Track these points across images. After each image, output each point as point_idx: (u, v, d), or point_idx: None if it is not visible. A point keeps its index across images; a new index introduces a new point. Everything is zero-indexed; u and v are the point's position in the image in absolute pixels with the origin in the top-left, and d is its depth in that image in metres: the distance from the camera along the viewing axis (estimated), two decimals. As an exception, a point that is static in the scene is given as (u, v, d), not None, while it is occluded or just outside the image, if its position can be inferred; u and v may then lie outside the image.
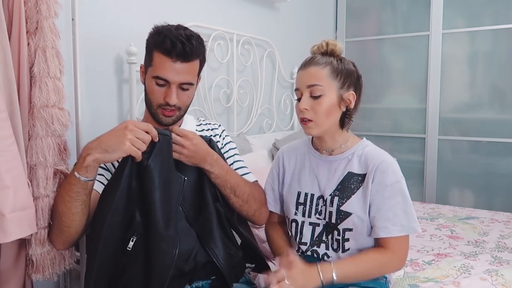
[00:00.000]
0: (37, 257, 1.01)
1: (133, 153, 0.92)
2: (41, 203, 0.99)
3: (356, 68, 1.17)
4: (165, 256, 0.96)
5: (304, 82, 1.12)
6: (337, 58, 1.14)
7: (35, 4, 0.97)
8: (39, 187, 0.99)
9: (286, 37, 2.71)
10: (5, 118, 0.87)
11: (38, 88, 0.98)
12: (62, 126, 1.01)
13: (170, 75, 1.07)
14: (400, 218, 1.08)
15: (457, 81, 2.88)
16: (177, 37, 1.06)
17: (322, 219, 1.15)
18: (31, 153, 0.98)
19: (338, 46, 1.14)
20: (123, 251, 0.98)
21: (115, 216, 0.95)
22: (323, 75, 1.10)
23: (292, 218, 1.20)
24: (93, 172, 0.93)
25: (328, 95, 1.09)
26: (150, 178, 0.95)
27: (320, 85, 1.09)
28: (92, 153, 0.91)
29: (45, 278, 1.04)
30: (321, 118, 1.10)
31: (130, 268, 0.98)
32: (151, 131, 0.95)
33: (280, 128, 2.62)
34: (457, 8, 2.82)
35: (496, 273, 1.47)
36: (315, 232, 1.16)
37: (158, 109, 1.11)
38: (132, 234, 0.98)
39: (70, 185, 0.93)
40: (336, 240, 1.13)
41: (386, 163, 1.10)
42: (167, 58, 1.06)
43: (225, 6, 2.17)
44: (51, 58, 0.99)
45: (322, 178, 1.17)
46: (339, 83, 1.11)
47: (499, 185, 2.77)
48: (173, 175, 1.01)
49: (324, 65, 1.11)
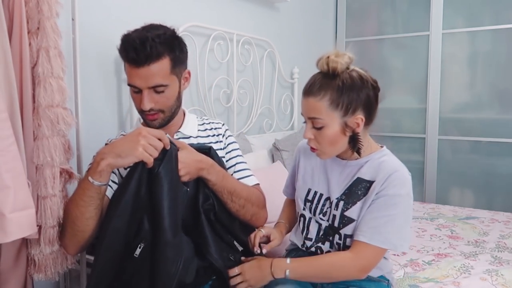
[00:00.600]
0: (39, 256, 1.01)
1: (145, 158, 0.93)
2: (49, 202, 0.99)
3: (366, 83, 1.04)
4: (171, 264, 0.96)
5: (305, 112, 1.07)
6: (341, 79, 1.02)
7: (36, 4, 0.96)
8: (47, 186, 0.98)
9: (286, 37, 2.71)
10: (5, 118, 0.86)
11: (43, 88, 0.97)
12: (67, 126, 1.01)
13: (136, 81, 1.07)
14: (386, 230, 1.03)
15: (457, 81, 2.88)
16: (131, 43, 1.04)
17: (325, 220, 1.15)
18: (38, 153, 0.98)
19: (341, 62, 1.02)
20: (130, 257, 0.97)
21: (121, 220, 0.95)
22: (322, 108, 1.02)
23: (301, 212, 1.20)
24: (106, 177, 0.95)
25: (330, 126, 1.04)
26: (160, 186, 0.95)
27: (320, 118, 1.03)
28: (106, 157, 0.92)
29: (47, 277, 1.04)
30: (326, 148, 1.07)
31: (136, 275, 0.97)
32: (164, 139, 0.96)
33: (280, 128, 2.62)
34: (457, 8, 2.82)
35: (496, 273, 1.47)
36: (320, 230, 1.16)
37: (142, 114, 1.13)
38: (140, 241, 0.98)
39: (83, 190, 0.94)
40: (337, 243, 1.13)
41: (399, 174, 1.05)
42: (129, 65, 1.07)
43: (225, 6, 2.17)
44: (54, 58, 0.99)
45: (332, 180, 1.15)
46: (341, 112, 1.02)
47: (499, 185, 2.77)
48: (179, 184, 1.02)
49: (322, 95, 1.02)
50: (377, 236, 1.03)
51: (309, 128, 1.07)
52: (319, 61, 1.06)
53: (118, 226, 0.95)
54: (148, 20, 1.56)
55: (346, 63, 1.03)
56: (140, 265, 0.97)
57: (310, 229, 1.17)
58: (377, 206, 1.05)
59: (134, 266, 0.97)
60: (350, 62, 1.04)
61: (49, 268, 1.04)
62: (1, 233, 0.85)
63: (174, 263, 0.96)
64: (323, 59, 1.04)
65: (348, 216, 1.09)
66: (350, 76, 1.03)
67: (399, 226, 1.05)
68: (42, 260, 1.02)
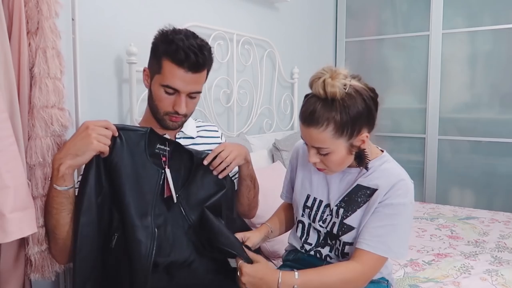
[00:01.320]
0: (36, 256, 1.01)
1: (101, 149, 0.95)
2: (39, 202, 0.99)
3: (365, 99, 0.98)
4: (142, 247, 0.97)
5: (307, 141, 1.03)
6: (341, 104, 0.96)
7: (36, 4, 0.96)
8: (38, 187, 0.99)
9: (286, 37, 2.71)
10: (5, 118, 0.86)
11: (38, 89, 0.97)
12: (62, 127, 1.01)
13: (181, 85, 1.08)
14: (389, 239, 1.02)
15: (457, 81, 2.88)
16: (190, 48, 1.05)
17: (324, 227, 1.13)
18: (31, 153, 0.98)
19: (339, 85, 0.94)
20: (108, 250, 1.00)
21: (88, 214, 0.96)
22: (327, 138, 0.98)
23: (299, 218, 1.19)
24: (70, 180, 0.95)
25: (336, 151, 1.01)
26: (117, 172, 0.98)
27: (325, 147, 1.00)
28: (64, 161, 0.92)
29: (44, 277, 1.04)
30: (334, 168, 1.05)
31: (116, 266, 0.99)
32: (110, 127, 0.98)
33: (280, 128, 2.62)
34: (457, 8, 2.82)
35: (496, 273, 1.47)
36: (320, 236, 1.15)
37: (166, 116, 1.12)
38: (114, 231, 1.00)
39: (52, 198, 0.96)
40: (336, 249, 1.12)
41: (403, 183, 1.04)
42: (178, 68, 1.06)
43: (225, 6, 2.17)
44: (52, 59, 0.99)
45: (332, 186, 1.13)
46: (347, 136, 0.99)
47: (499, 185, 2.77)
48: (148, 169, 1.03)
49: (325, 125, 0.96)
50: (381, 246, 1.02)
51: (314, 154, 1.04)
52: (313, 83, 0.98)
53: (86, 220, 0.96)
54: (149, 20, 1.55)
55: (342, 84, 0.95)
56: (117, 256, 0.99)
57: (310, 234, 1.17)
58: (380, 215, 1.03)
59: (113, 258, 1.00)
60: (345, 82, 0.97)
61: (46, 268, 1.04)
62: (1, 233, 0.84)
63: (145, 244, 0.97)
64: (318, 82, 0.96)
65: (347, 224, 1.08)
66: (349, 96, 0.97)
67: (402, 236, 1.04)
68: (39, 260, 1.02)
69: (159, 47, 1.09)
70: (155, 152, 1.06)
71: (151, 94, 1.13)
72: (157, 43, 1.11)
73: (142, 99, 1.63)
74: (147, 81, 1.15)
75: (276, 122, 2.57)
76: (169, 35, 1.09)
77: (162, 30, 1.12)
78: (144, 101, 1.66)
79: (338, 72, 0.96)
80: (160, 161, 1.06)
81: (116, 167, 0.99)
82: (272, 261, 1.57)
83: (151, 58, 1.13)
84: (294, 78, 2.73)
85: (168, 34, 1.09)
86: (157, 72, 1.09)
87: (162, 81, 1.08)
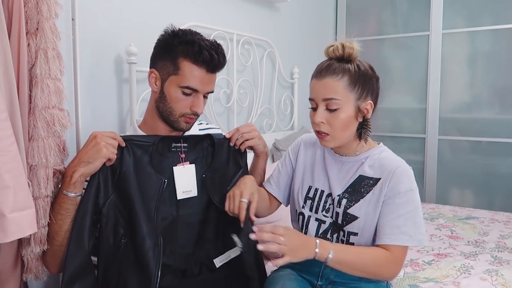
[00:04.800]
0: (29, 257, 1.02)
1: (110, 155, 1.01)
2: (42, 202, 0.99)
3: (374, 72, 1.10)
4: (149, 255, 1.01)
5: (319, 94, 1.06)
6: (355, 64, 1.06)
7: (35, 5, 0.96)
8: (40, 187, 0.99)
9: (286, 37, 2.71)
10: (5, 118, 0.86)
11: (40, 89, 0.97)
12: (63, 127, 1.01)
13: (200, 85, 1.08)
14: (408, 228, 1.04)
15: (457, 81, 2.88)
16: (212, 48, 1.07)
17: (329, 217, 1.14)
18: (33, 154, 0.98)
19: (356, 49, 1.06)
20: (115, 255, 1.04)
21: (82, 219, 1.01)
22: (340, 88, 1.03)
23: (299, 210, 1.20)
24: (80, 188, 1.01)
25: (345, 108, 1.04)
26: (126, 182, 1.05)
27: (337, 99, 1.03)
28: (77, 169, 0.99)
29: (36, 278, 1.05)
30: (338, 132, 1.06)
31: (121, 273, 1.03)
32: (117, 137, 1.04)
33: (280, 128, 2.62)
34: (457, 8, 2.82)
35: (496, 273, 1.47)
36: (320, 229, 1.16)
37: (181, 117, 1.12)
38: (121, 238, 1.04)
39: (60, 204, 1.00)
40: (341, 240, 1.12)
41: (402, 169, 1.07)
42: (200, 68, 1.07)
43: (225, 6, 2.17)
44: (52, 59, 0.98)
45: (332, 176, 1.15)
46: (357, 94, 1.05)
47: (499, 185, 2.77)
48: (152, 178, 1.08)
49: (341, 75, 1.04)
50: (402, 236, 1.04)
51: (321, 111, 1.05)
52: (330, 48, 1.09)
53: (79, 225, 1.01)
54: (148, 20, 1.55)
55: (358, 51, 1.07)
56: (124, 262, 1.03)
57: (309, 227, 1.17)
58: (393, 206, 1.05)
59: (118, 264, 1.03)
60: (359, 51, 1.08)
61: (40, 269, 1.05)
62: (1, 233, 0.84)
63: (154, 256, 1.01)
64: (336, 45, 1.07)
65: (351, 213, 1.09)
66: (363, 64, 1.08)
67: (418, 221, 1.06)
68: (32, 261, 1.03)
69: (176, 49, 1.07)
70: (171, 150, 1.12)
71: (163, 96, 1.11)
72: (171, 45, 1.08)
73: (142, 99, 1.63)
74: (155, 84, 1.12)
75: (276, 122, 2.57)
76: (185, 35, 1.08)
77: (171, 31, 1.10)
78: (144, 101, 1.66)
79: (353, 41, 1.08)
80: (176, 160, 1.12)
81: (125, 176, 1.05)
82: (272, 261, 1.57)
83: (160, 60, 1.11)
84: (294, 78, 2.73)
85: (182, 35, 1.08)
86: (173, 73, 1.08)
87: (181, 83, 1.07)
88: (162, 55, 1.11)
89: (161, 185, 1.08)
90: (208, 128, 1.32)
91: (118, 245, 1.03)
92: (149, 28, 1.71)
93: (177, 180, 1.11)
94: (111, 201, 1.04)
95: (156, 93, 1.13)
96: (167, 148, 1.12)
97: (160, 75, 1.11)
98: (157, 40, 1.15)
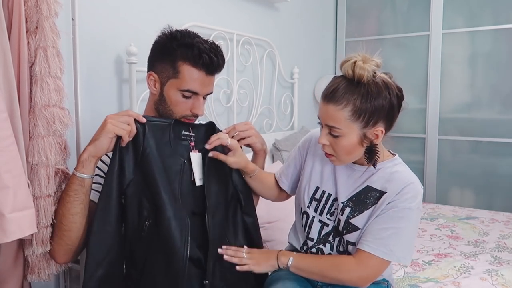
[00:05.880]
0: (33, 257, 1.01)
1: (117, 131, 0.97)
2: (43, 202, 0.98)
3: (390, 92, 0.99)
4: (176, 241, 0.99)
5: (323, 118, 1.02)
6: (366, 88, 0.96)
7: (35, 3, 0.96)
8: (41, 186, 0.98)
9: (286, 37, 2.71)
10: (5, 118, 0.86)
11: (40, 88, 0.97)
12: (63, 126, 1.01)
13: (200, 88, 1.09)
14: (391, 242, 1.01)
15: (457, 81, 2.88)
16: (211, 51, 1.06)
17: (332, 220, 1.13)
18: (33, 153, 0.97)
19: (368, 69, 0.95)
20: (139, 238, 1.02)
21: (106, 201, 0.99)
22: (342, 118, 0.97)
23: (304, 209, 1.18)
24: (89, 168, 0.98)
25: (347, 136, 0.99)
26: (149, 163, 1.02)
27: (338, 128, 0.99)
28: (87, 148, 0.99)
29: (40, 279, 1.04)
30: (341, 156, 1.04)
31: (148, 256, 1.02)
32: (131, 114, 1.01)
33: (280, 128, 2.62)
34: (457, 8, 2.82)
35: (496, 273, 1.47)
36: (322, 231, 1.14)
37: (182, 119, 1.12)
38: (145, 220, 1.02)
39: (69, 185, 0.99)
40: (339, 247, 1.12)
41: (409, 189, 1.02)
42: (199, 71, 1.07)
43: (225, 6, 2.17)
44: (52, 58, 0.98)
45: (340, 181, 1.12)
46: (362, 123, 0.98)
47: (499, 185, 2.76)
48: (173, 159, 1.06)
49: (344, 104, 0.96)
50: (382, 248, 1.01)
51: (325, 134, 1.03)
52: (344, 64, 0.99)
53: (103, 206, 0.99)
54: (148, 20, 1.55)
55: (372, 70, 0.97)
56: (149, 244, 1.01)
57: (312, 228, 1.16)
58: (385, 217, 1.03)
59: (143, 247, 1.02)
60: (376, 69, 0.98)
61: (43, 270, 1.04)
62: (1, 233, 0.84)
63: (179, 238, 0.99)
64: (349, 63, 0.97)
65: (353, 223, 1.07)
66: (375, 84, 0.97)
67: (405, 240, 1.03)
68: (36, 261, 1.02)
69: (175, 52, 1.06)
70: (181, 138, 1.11)
71: (163, 99, 1.10)
72: (169, 48, 1.07)
73: (142, 99, 1.63)
74: (155, 87, 1.12)
75: (276, 122, 2.57)
76: (183, 38, 1.06)
77: (168, 33, 1.09)
78: (144, 101, 1.66)
79: (371, 59, 0.98)
80: (187, 147, 1.11)
81: (148, 158, 1.02)
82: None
83: (159, 63, 1.10)
84: (294, 78, 2.73)
85: (180, 37, 1.07)
86: (173, 77, 1.07)
87: (181, 86, 1.07)
88: (160, 58, 1.10)
89: (181, 165, 1.07)
90: None
91: (142, 228, 1.01)
92: (149, 28, 1.71)
93: (194, 166, 1.10)
94: (135, 183, 1.02)
95: (156, 95, 1.12)
96: (178, 134, 1.11)
97: (159, 78, 1.10)
98: (154, 42, 1.13)
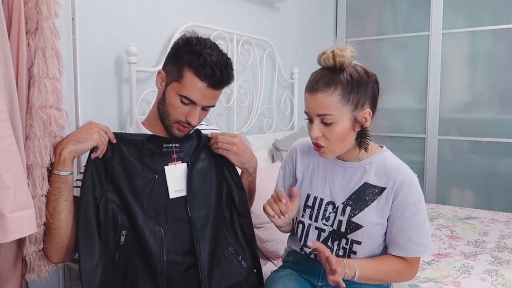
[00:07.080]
0: (31, 256, 1.02)
1: (100, 143, 1.03)
2: (37, 202, 0.99)
3: (369, 77, 1.04)
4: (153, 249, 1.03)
5: (312, 109, 1.03)
6: (348, 73, 1.01)
7: (35, 4, 0.96)
8: (36, 187, 0.99)
9: (286, 37, 2.71)
10: (5, 118, 0.86)
11: (37, 89, 0.97)
12: (59, 127, 1.01)
13: (199, 98, 1.08)
14: (422, 238, 1.06)
15: (457, 81, 2.88)
16: (217, 65, 1.06)
17: (328, 225, 1.13)
18: (28, 153, 0.98)
19: (348, 55, 1.00)
20: (117, 247, 1.05)
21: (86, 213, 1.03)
22: (333, 103, 1.00)
23: (299, 219, 1.18)
24: (70, 166, 1.02)
25: (340, 122, 1.01)
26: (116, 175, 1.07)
27: (331, 114, 1.01)
28: (66, 146, 1.00)
29: (39, 278, 1.05)
30: (335, 145, 1.05)
31: (127, 261, 1.05)
32: (109, 133, 1.07)
33: (280, 128, 2.62)
34: (457, 8, 2.82)
35: (496, 273, 1.47)
36: (320, 237, 1.14)
37: (175, 123, 1.11)
38: (121, 228, 1.05)
39: (52, 184, 1.01)
40: (343, 248, 1.11)
41: (409, 181, 1.06)
42: (201, 82, 1.06)
43: (225, 6, 2.17)
44: (51, 59, 0.98)
45: (335, 184, 1.13)
46: (352, 106, 1.01)
47: (499, 185, 2.76)
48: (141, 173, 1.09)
49: (332, 90, 1.00)
50: (416, 247, 1.06)
51: (317, 125, 1.03)
52: (322, 56, 1.03)
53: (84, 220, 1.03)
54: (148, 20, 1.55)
55: (351, 56, 1.02)
56: (129, 251, 1.05)
57: (309, 236, 1.15)
58: (404, 218, 1.06)
59: (124, 253, 1.05)
60: (353, 56, 1.03)
61: (42, 268, 1.05)
62: (1, 233, 0.84)
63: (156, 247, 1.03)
64: (327, 53, 1.02)
65: (355, 222, 1.08)
66: (356, 70, 1.02)
67: (427, 229, 1.08)
68: (34, 260, 1.03)
69: (184, 57, 1.07)
70: (163, 152, 1.13)
71: (164, 99, 1.11)
72: (180, 51, 1.08)
73: (142, 99, 1.63)
74: (161, 85, 1.13)
75: (276, 122, 2.57)
76: (196, 45, 1.07)
77: (186, 37, 1.10)
78: (144, 101, 1.67)
79: (346, 48, 1.03)
80: (170, 159, 1.14)
81: (115, 171, 1.07)
82: (272, 261, 1.57)
83: (169, 63, 1.11)
84: (294, 78, 2.73)
85: (194, 44, 1.07)
86: (176, 80, 1.08)
87: (181, 91, 1.07)
88: (171, 59, 1.11)
89: (151, 180, 1.09)
90: (208, 129, 1.32)
91: (119, 238, 1.05)
92: (149, 28, 1.71)
93: (169, 179, 1.11)
94: (107, 195, 1.06)
95: (160, 93, 1.14)
96: (158, 148, 1.13)
97: (166, 77, 1.11)
98: (173, 42, 1.14)
